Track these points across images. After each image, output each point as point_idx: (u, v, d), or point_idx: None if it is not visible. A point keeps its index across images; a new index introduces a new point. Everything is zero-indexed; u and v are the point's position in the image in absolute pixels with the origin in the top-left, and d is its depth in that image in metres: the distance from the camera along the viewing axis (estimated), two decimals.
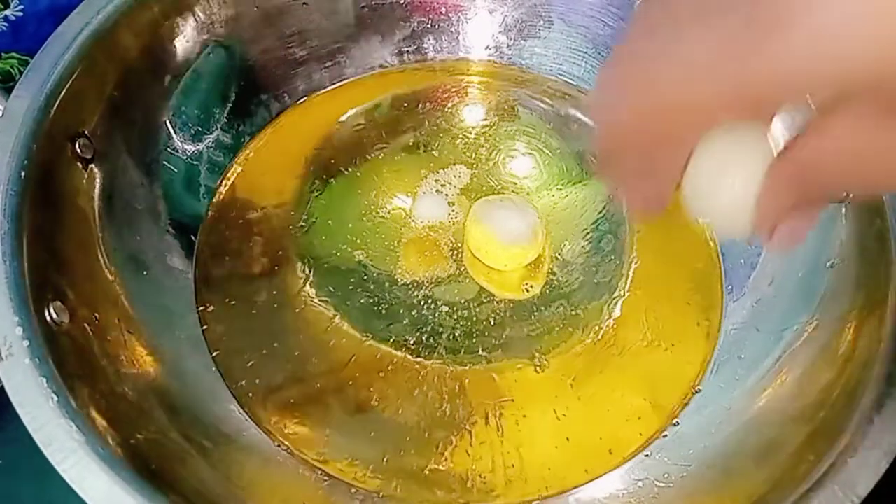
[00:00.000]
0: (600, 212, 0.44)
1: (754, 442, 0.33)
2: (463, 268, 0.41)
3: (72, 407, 0.27)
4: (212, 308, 0.39)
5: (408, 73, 0.49)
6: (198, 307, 0.39)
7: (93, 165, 0.36)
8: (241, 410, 0.36)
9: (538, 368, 0.38)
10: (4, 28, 0.43)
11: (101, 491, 0.25)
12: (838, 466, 0.27)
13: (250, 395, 0.37)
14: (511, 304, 0.40)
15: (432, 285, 0.41)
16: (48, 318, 0.30)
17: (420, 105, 0.47)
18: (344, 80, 0.48)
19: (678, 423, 0.36)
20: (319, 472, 0.35)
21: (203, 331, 0.38)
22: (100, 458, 0.26)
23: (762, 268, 0.40)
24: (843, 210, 0.36)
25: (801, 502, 0.27)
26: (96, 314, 0.33)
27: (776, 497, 0.28)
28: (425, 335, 0.39)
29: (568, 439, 0.36)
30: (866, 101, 0.16)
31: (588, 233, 0.43)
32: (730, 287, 0.41)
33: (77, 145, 0.35)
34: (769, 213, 0.19)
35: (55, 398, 0.27)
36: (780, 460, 0.31)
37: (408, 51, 0.48)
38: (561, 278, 0.41)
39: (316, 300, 0.40)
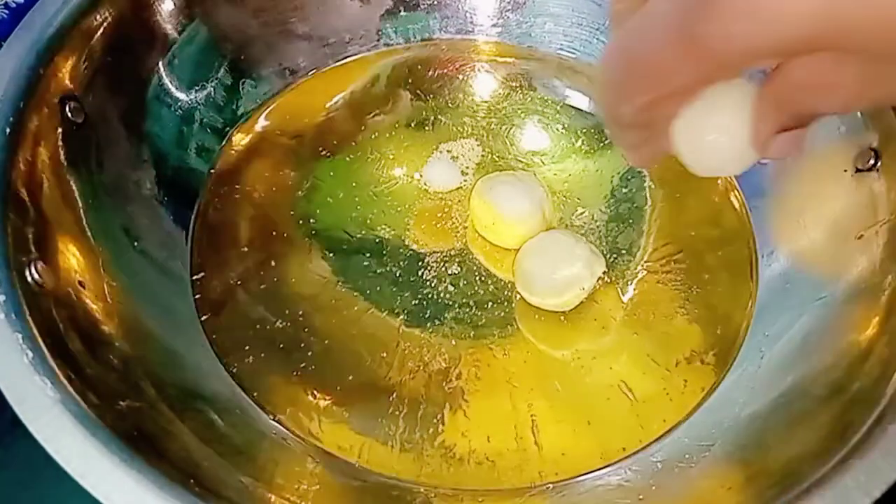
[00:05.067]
0: (617, 182, 0.42)
1: (780, 419, 0.31)
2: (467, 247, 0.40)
3: (48, 365, 0.25)
4: (207, 280, 0.37)
5: (414, 50, 0.47)
6: (192, 276, 0.37)
7: (83, 130, 0.35)
8: (234, 384, 0.34)
9: (552, 347, 0.37)
10: (5, 16, 0.43)
11: (76, 451, 0.23)
12: (876, 436, 0.25)
13: (243, 367, 0.35)
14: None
15: (440, 263, 0.39)
16: (28, 278, 0.28)
17: (427, 82, 0.46)
18: (348, 57, 0.46)
19: (701, 403, 0.34)
20: (315, 448, 0.33)
21: (196, 299, 0.36)
22: (75, 417, 0.24)
23: (790, 238, 0.38)
24: (876, 177, 0.34)
25: (836, 475, 0.25)
26: (81, 280, 0.31)
27: (806, 470, 0.26)
28: (431, 310, 0.38)
29: (589, 423, 0.34)
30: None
31: (605, 203, 0.41)
32: (759, 256, 0.38)
33: (67, 109, 0.34)
34: (763, 135, 0.21)
35: (30, 354, 0.25)
36: (808, 436, 0.29)
37: (414, 28, 0.47)
38: None
39: (315, 271, 0.39)
